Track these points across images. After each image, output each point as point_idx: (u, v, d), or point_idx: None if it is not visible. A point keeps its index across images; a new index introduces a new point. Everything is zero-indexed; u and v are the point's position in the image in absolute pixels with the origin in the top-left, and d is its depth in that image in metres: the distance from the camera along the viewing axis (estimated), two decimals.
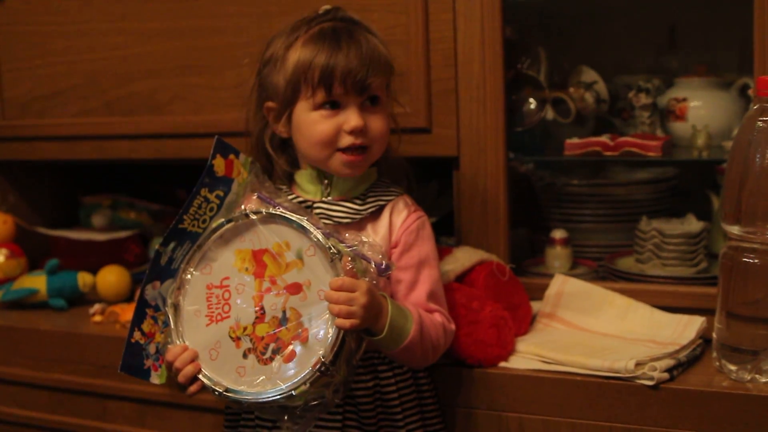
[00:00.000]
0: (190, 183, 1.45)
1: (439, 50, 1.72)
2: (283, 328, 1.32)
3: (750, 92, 1.73)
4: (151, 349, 1.45)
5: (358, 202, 1.46)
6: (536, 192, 1.95)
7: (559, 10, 1.96)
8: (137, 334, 1.43)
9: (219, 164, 1.43)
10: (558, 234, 1.83)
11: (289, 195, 1.48)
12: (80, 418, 1.85)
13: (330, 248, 1.30)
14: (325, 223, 1.41)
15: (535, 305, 1.70)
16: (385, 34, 1.71)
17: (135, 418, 1.79)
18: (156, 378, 1.45)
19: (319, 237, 1.31)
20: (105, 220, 2.28)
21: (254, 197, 1.42)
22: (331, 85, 1.40)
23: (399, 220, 1.46)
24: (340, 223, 1.44)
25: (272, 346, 1.32)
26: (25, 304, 2.03)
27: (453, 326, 1.47)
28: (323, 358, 1.28)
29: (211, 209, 1.43)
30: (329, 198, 1.48)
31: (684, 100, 1.80)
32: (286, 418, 1.33)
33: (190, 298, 1.40)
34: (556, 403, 1.47)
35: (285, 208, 1.38)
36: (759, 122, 1.38)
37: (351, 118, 1.42)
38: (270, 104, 1.49)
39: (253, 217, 1.36)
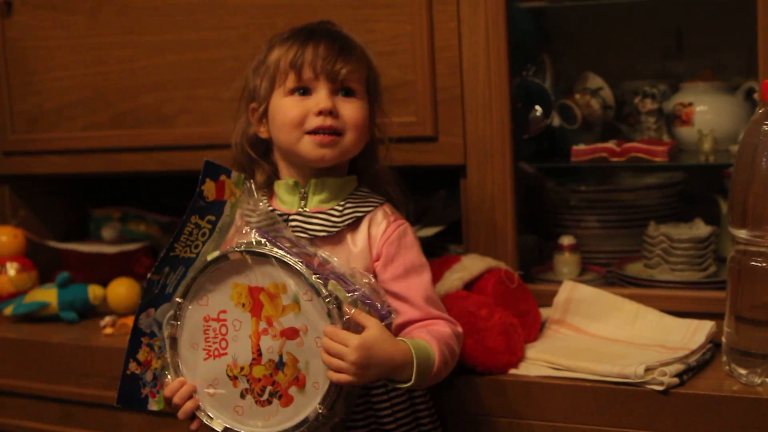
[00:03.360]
0: None
1: (444, 59, 1.72)
2: (280, 372, 1.31)
3: (755, 96, 1.73)
4: (148, 376, 1.41)
5: (336, 213, 1.44)
6: (544, 198, 1.95)
7: (564, 16, 1.97)
8: (132, 365, 1.40)
9: (209, 188, 1.37)
10: (566, 240, 1.82)
11: (267, 207, 1.43)
12: (92, 430, 1.86)
13: (327, 297, 1.27)
14: (300, 237, 1.39)
15: (544, 312, 1.70)
16: (389, 44, 1.73)
17: (148, 431, 1.79)
18: (154, 404, 1.43)
19: (316, 284, 1.28)
20: (115, 233, 2.29)
21: (253, 231, 1.37)
22: (300, 69, 1.42)
23: (378, 232, 1.43)
24: (315, 236, 1.42)
25: (269, 389, 1.32)
26: (37, 317, 2.04)
27: (460, 328, 1.44)
28: (320, 409, 1.27)
29: (203, 234, 1.39)
30: (306, 209, 1.45)
31: (690, 104, 1.80)
32: None
33: (187, 331, 1.38)
34: (567, 409, 1.47)
35: (283, 244, 1.34)
36: (764, 126, 1.38)
37: (319, 99, 1.42)
38: (253, 105, 1.50)
39: (248, 257, 1.33)
